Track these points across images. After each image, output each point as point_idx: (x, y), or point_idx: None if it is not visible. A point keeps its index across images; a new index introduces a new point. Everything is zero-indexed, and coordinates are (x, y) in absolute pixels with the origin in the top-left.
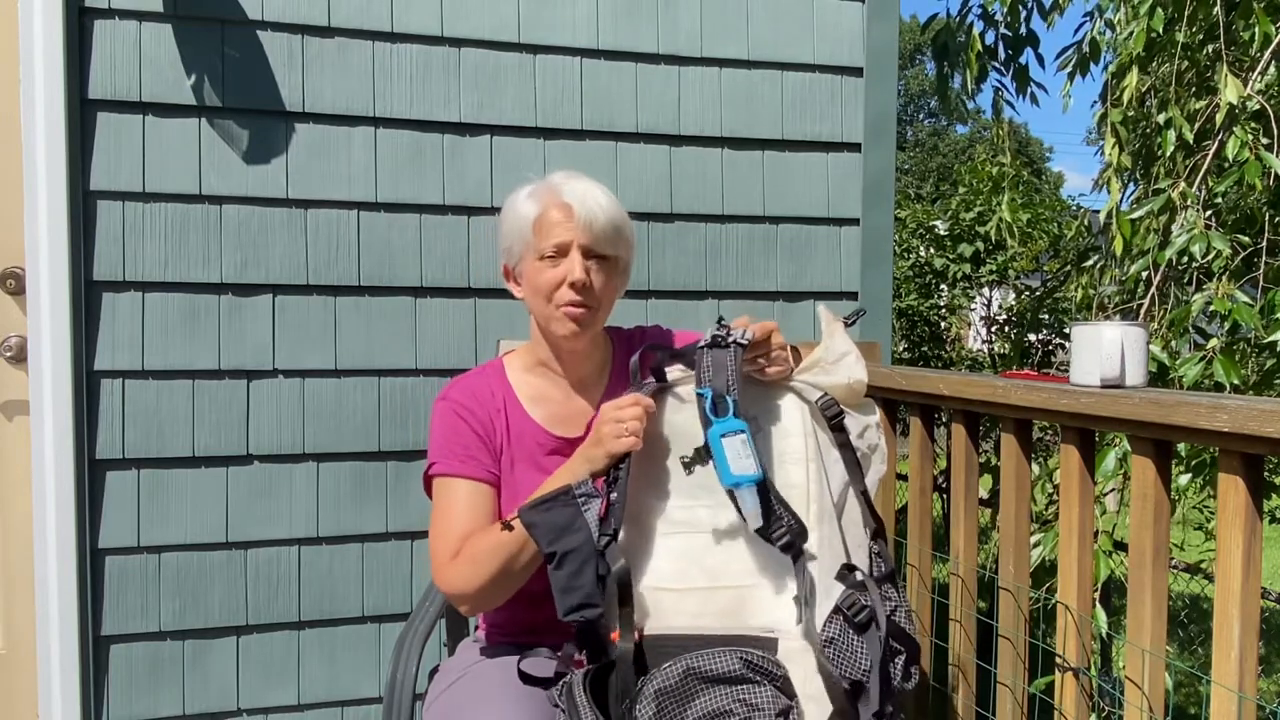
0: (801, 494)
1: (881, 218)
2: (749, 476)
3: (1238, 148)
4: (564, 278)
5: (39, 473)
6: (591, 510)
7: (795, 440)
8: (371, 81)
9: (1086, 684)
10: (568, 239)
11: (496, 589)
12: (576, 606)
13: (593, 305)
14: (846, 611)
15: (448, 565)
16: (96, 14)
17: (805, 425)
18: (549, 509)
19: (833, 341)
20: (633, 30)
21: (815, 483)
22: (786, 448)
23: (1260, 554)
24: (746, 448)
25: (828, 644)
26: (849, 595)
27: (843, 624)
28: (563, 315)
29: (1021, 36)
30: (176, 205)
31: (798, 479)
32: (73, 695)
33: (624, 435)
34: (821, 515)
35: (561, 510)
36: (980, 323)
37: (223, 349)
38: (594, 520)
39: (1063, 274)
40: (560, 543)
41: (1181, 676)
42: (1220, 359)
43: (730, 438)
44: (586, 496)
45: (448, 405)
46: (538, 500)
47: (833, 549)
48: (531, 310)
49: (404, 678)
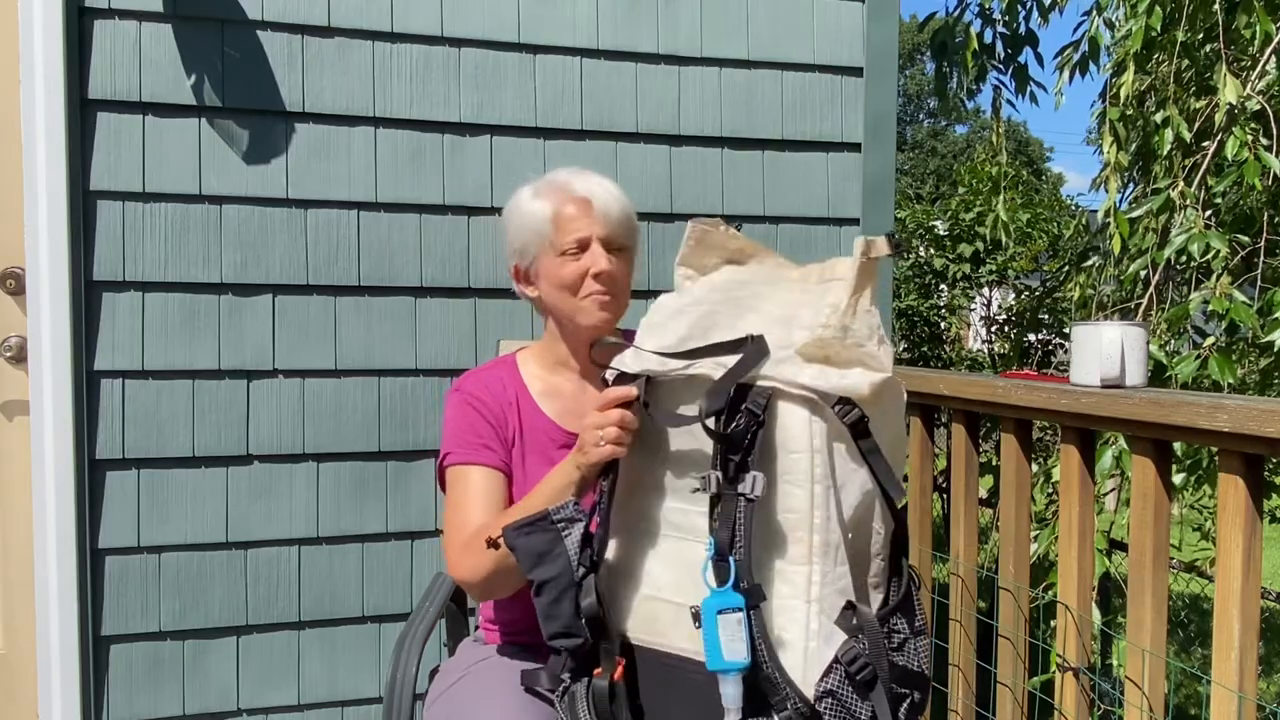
0: (802, 521)
1: (881, 218)
2: (737, 664)
3: (1237, 147)
4: (587, 270)
5: (39, 473)
6: (573, 535)
7: (800, 458)
8: (371, 81)
9: (1086, 684)
10: (588, 233)
11: (502, 580)
12: (556, 634)
13: (617, 295)
14: (847, 666)
15: (459, 553)
16: (96, 14)
17: (813, 441)
18: (529, 533)
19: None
20: (633, 30)
21: (820, 509)
22: (789, 465)
23: (1260, 554)
24: (741, 629)
25: (825, 696)
26: (849, 648)
27: (842, 677)
28: (591, 304)
29: (1020, 35)
30: (176, 205)
31: (798, 504)
32: (73, 695)
33: (601, 444)
34: (826, 547)
35: (540, 536)
36: (980, 323)
37: (223, 349)
38: (574, 547)
39: (1062, 273)
40: (538, 570)
41: (1181, 677)
42: (1216, 357)
43: (727, 615)
44: (567, 521)
45: (461, 396)
46: (519, 523)
47: (836, 584)
48: (553, 306)
49: (404, 678)
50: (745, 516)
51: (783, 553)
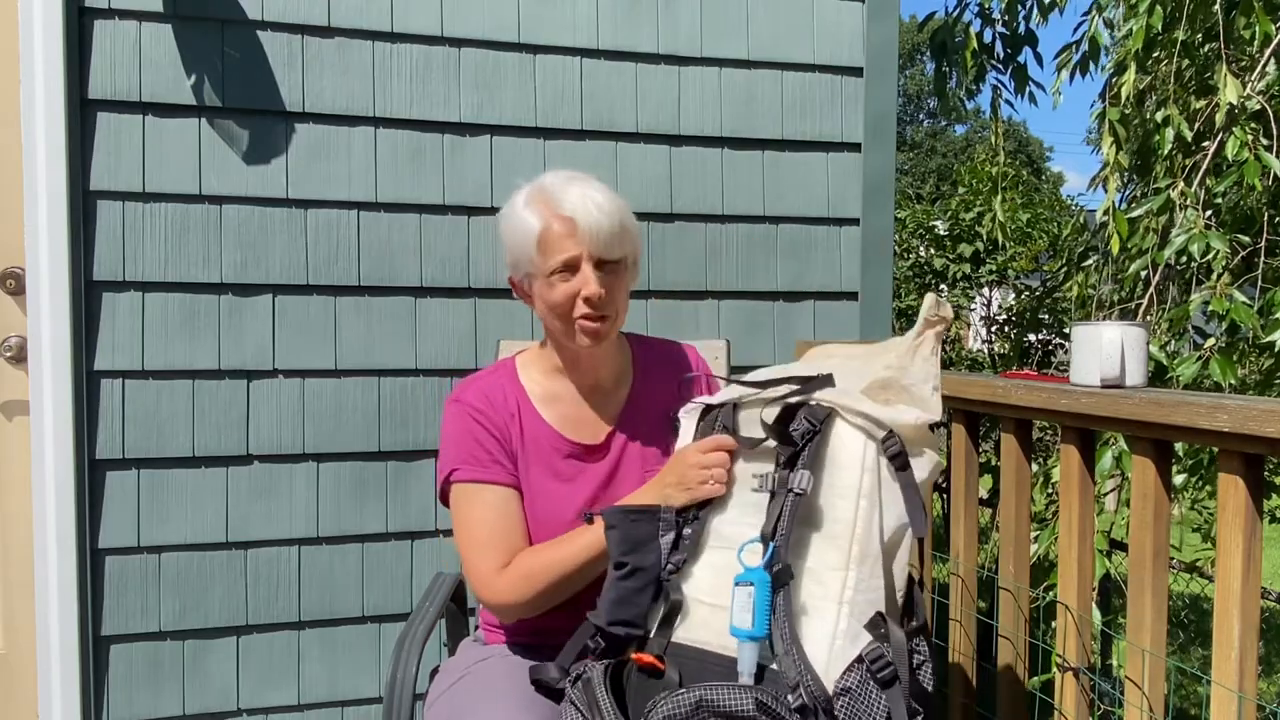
0: (846, 530)
1: (881, 218)
2: (745, 632)
3: (1237, 148)
4: (577, 292)
5: (39, 473)
6: (669, 535)
7: (850, 474)
8: (371, 81)
9: (1086, 684)
10: (575, 253)
11: (547, 601)
12: (624, 621)
13: (609, 315)
14: (870, 664)
15: (496, 578)
16: (96, 14)
17: (865, 460)
18: (635, 520)
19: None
20: (633, 30)
21: (863, 522)
22: (839, 480)
23: (1260, 554)
24: (750, 600)
25: (842, 694)
26: (874, 648)
27: (864, 674)
28: (579, 331)
29: (1020, 35)
30: (176, 205)
31: (845, 514)
32: (73, 695)
33: (708, 482)
34: (864, 556)
35: (646, 525)
36: (980, 323)
37: (223, 349)
38: (668, 546)
39: (1062, 273)
40: (634, 555)
41: (1181, 678)
42: (1217, 359)
43: (741, 588)
44: (666, 523)
45: (461, 408)
46: (627, 508)
47: (868, 594)
48: (546, 325)
49: (404, 678)
50: (791, 508)
51: (822, 558)
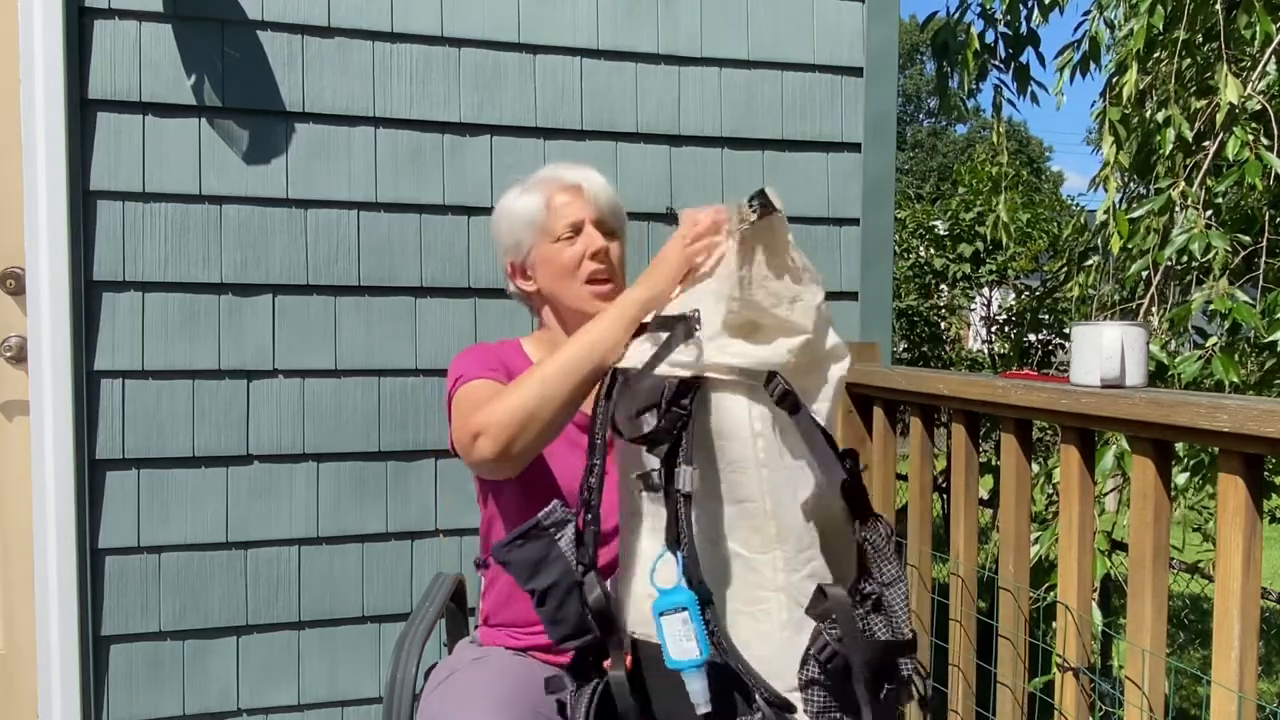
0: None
1: (881, 218)
2: (691, 662)
3: (1238, 147)
4: (584, 251)
5: (39, 473)
6: (565, 536)
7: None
8: (371, 81)
9: (1086, 684)
10: (581, 216)
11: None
12: (565, 637)
13: (614, 279)
14: (818, 656)
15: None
16: (96, 14)
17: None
18: (521, 545)
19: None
20: (633, 30)
21: (770, 494)
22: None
23: (1260, 554)
24: (688, 627)
25: (809, 685)
26: (817, 636)
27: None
28: (591, 295)
29: (1021, 35)
30: (176, 205)
31: (749, 491)
32: (73, 695)
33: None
34: (785, 533)
35: (533, 545)
36: (980, 323)
37: (223, 349)
38: (569, 548)
39: (1062, 273)
40: (536, 580)
41: (1181, 678)
42: (1219, 357)
43: (670, 616)
44: (558, 525)
45: (474, 348)
46: (508, 538)
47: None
48: (552, 295)
49: (404, 678)
50: (685, 512)
51: (745, 542)
